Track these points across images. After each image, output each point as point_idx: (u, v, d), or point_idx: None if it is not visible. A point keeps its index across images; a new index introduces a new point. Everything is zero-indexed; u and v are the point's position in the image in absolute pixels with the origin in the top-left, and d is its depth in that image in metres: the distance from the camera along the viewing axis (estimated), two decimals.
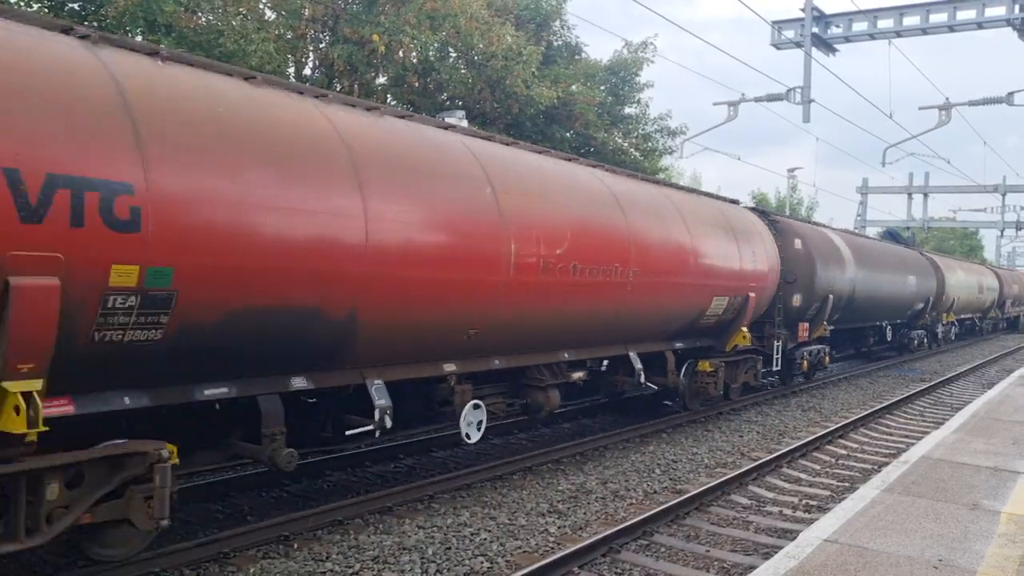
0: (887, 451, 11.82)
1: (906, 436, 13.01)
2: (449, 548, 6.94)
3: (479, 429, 8.37)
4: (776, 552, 6.01)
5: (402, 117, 7.91)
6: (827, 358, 18.30)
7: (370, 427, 7.06)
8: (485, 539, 7.23)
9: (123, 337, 5.10)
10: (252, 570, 6.24)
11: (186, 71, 5.90)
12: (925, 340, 27.32)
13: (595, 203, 9.54)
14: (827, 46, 22.42)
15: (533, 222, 8.33)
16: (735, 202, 14.98)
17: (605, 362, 11.19)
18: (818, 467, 10.78)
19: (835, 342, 19.20)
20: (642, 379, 11.06)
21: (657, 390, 11.94)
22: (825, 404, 16.13)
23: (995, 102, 25.28)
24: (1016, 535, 6.19)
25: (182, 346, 5.46)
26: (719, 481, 9.20)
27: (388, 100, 19.63)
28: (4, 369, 4.54)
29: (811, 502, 8.99)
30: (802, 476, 10.25)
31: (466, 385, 8.36)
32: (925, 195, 44.49)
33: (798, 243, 15.78)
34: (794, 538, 6.27)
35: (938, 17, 21.02)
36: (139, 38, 14.10)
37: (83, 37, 5.38)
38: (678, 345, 12.26)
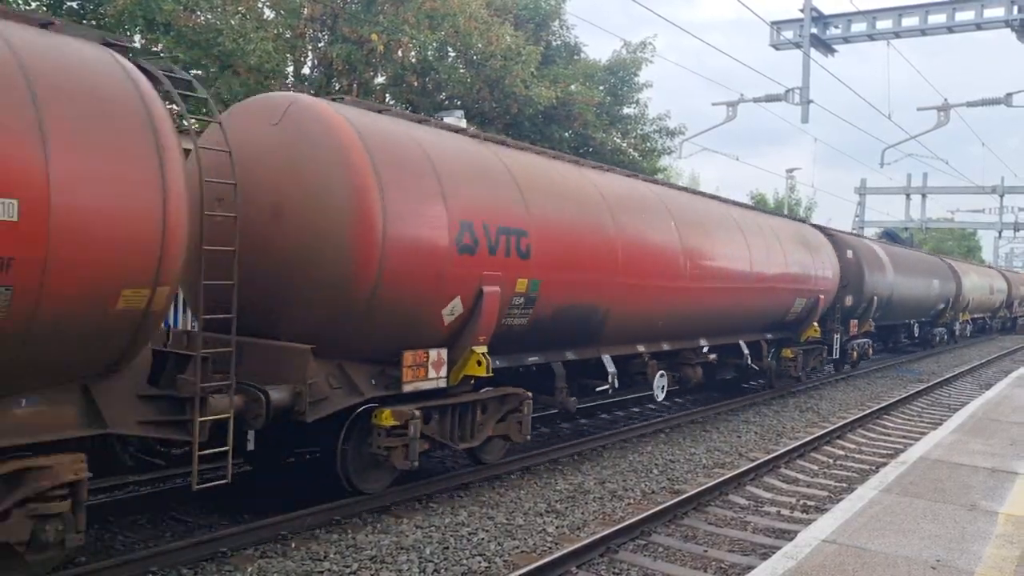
0: (885, 452, 11.83)
1: (904, 437, 13.01)
2: (447, 548, 6.93)
3: (663, 391, 11.81)
4: (774, 552, 6.01)
5: (625, 176, 11.96)
6: (871, 350, 21.39)
7: (605, 387, 10.60)
8: (483, 539, 7.22)
9: (512, 323, 8.61)
10: (250, 569, 6.23)
11: (546, 160, 10.10)
12: (945, 336, 30.50)
13: (729, 232, 13.35)
14: (826, 47, 22.42)
15: (697, 249, 12.01)
16: (804, 220, 19.48)
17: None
18: (816, 468, 10.79)
19: (872, 337, 21.67)
20: (749, 361, 14.53)
21: (749, 372, 15.38)
22: (823, 405, 16.13)
23: (993, 103, 25.32)
24: (1014, 536, 6.19)
25: (533, 330, 8.97)
26: (717, 481, 9.21)
27: (387, 99, 19.62)
28: (475, 340, 7.99)
29: (809, 503, 8.99)
30: (800, 476, 10.25)
31: (653, 361, 11.61)
32: (923, 196, 44.54)
33: (850, 253, 19.26)
34: (792, 538, 6.27)
35: (937, 18, 21.02)
36: (137, 37, 14.10)
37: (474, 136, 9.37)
38: (769, 336, 15.70)
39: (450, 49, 20.00)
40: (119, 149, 5.08)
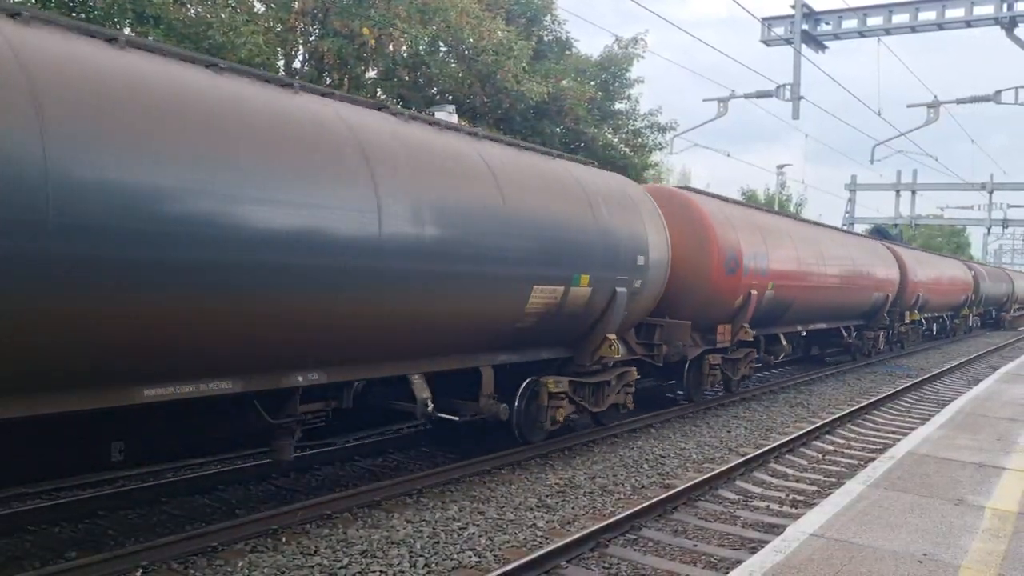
0: (873, 447, 11.90)
1: (892, 432, 13.09)
2: (438, 542, 6.95)
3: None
4: (763, 546, 6.05)
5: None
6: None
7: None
8: (473, 533, 7.24)
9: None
10: (240, 564, 6.23)
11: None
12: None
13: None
14: (817, 43, 22.47)
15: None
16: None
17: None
18: (805, 462, 10.85)
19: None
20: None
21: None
22: (812, 400, 16.21)
23: (983, 100, 25.43)
24: (1000, 530, 6.25)
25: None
26: (707, 476, 9.24)
27: (378, 94, 19.58)
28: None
29: (798, 497, 9.04)
30: (789, 471, 10.30)
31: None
32: (913, 192, 44.74)
33: (974, 268, 32.96)
34: (781, 533, 6.31)
35: (927, 15, 21.10)
36: (127, 30, 14.02)
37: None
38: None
39: (442, 44, 19.96)
40: None
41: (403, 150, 7.40)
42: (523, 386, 9.70)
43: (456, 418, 8.85)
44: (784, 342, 16.86)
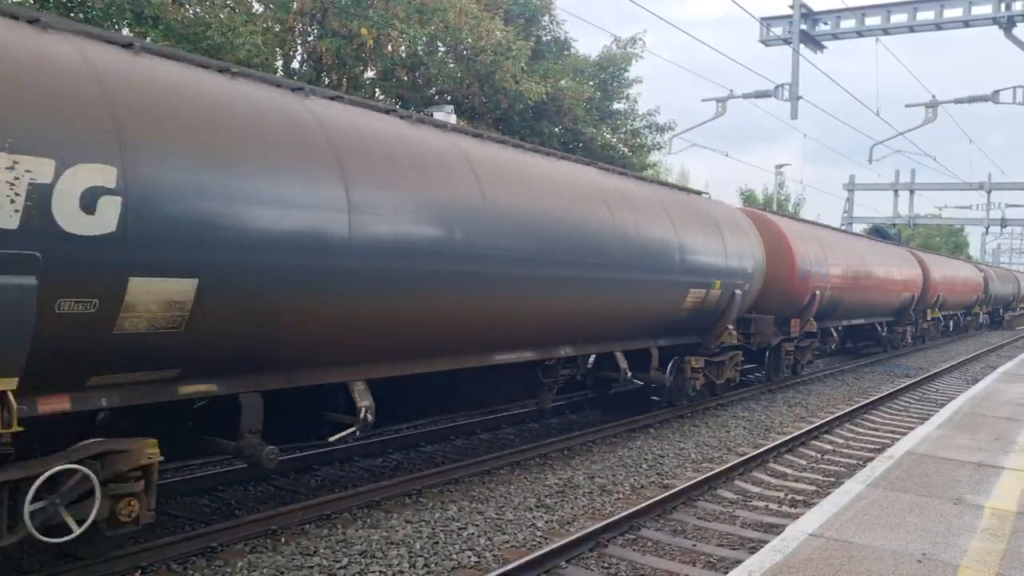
0: (872, 446, 11.91)
1: (891, 432, 13.10)
2: (437, 542, 6.95)
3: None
4: (762, 546, 6.05)
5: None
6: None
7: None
8: (473, 533, 7.24)
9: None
10: (240, 564, 6.23)
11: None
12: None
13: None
14: (815, 43, 22.49)
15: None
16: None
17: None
18: (804, 462, 10.85)
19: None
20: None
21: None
22: (811, 400, 16.23)
23: (981, 100, 25.47)
24: (999, 529, 6.26)
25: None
26: (706, 476, 9.25)
27: (376, 94, 19.58)
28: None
29: (797, 497, 9.05)
30: (788, 471, 10.31)
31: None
32: (911, 192, 44.76)
33: (984, 270, 38.16)
34: (780, 532, 6.32)
35: (925, 15, 21.11)
36: (126, 31, 14.01)
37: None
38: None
39: (440, 44, 19.95)
40: None
41: (624, 200, 10.69)
42: (672, 362, 13.03)
43: (640, 383, 12.76)
44: (835, 334, 20.53)
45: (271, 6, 17.90)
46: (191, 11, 15.56)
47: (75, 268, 4.83)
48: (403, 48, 18.86)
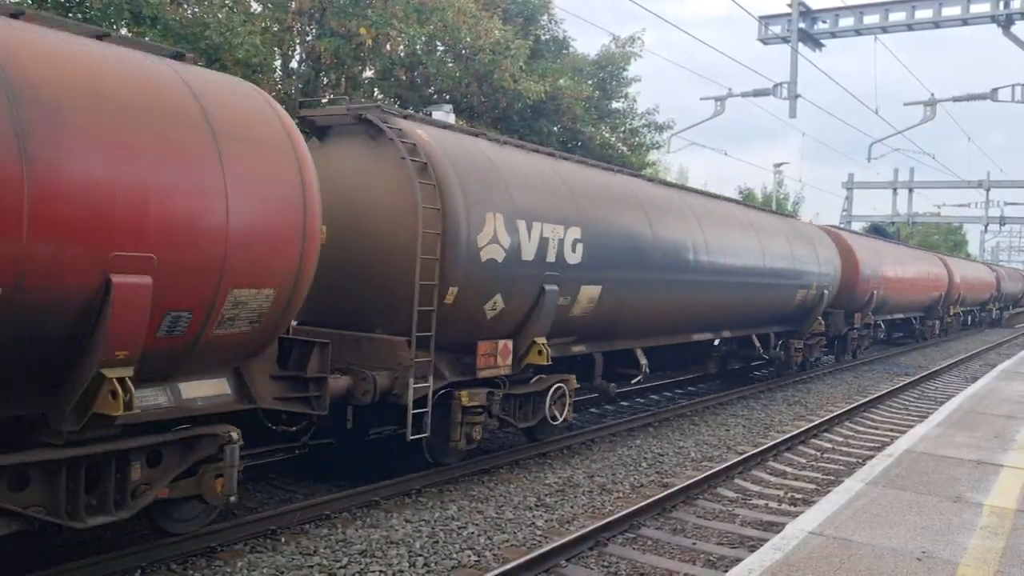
0: (872, 445, 11.91)
1: (891, 430, 13.11)
2: (437, 542, 6.95)
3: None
4: (762, 545, 6.05)
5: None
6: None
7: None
8: (472, 533, 7.24)
9: None
10: (239, 564, 6.23)
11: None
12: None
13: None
14: (814, 41, 22.49)
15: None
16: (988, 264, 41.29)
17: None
18: (803, 460, 10.85)
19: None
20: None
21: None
22: (810, 398, 16.23)
23: (979, 98, 25.46)
24: (998, 527, 6.26)
25: None
26: (705, 474, 9.25)
27: (375, 93, 19.56)
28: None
29: (796, 495, 9.05)
30: (788, 469, 10.31)
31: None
32: (910, 190, 44.76)
33: (996, 270, 42.45)
34: (780, 531, 6.31)
35: (923, 13, 21.12)
36: (124, 31, 14.00)
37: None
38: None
39: (439, 43, 19.94)
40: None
41: (759, 226, 15.43)
42: (778, 344, 17.34)
43: (767, 358, 17.01)
44: (882, 326, 25.01)
45: (269, 6, 17.88)
46: (190, 11, 15.53)
47: (565, 282, 9.41)
48: (402, 47, 18.85)
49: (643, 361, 11.49)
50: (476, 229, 8.18)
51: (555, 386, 9.76)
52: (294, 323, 7.42)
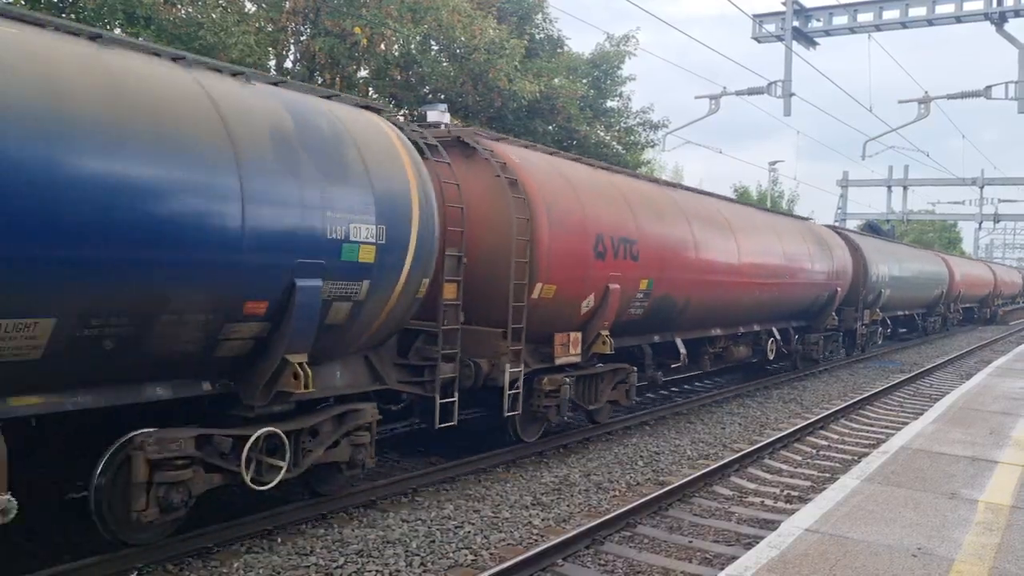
0: (867, 442, 11.94)
1: (886, 427, 13.14)
2: (433, 541, 6.95)
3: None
4: (758, 542, 6.06)
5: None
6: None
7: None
8: (469, 532, 7.24)
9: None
10: (236, 565, 6.22)
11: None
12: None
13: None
14: (808, 40, 22.54)
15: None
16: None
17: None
18: (799, 458, 10.87)
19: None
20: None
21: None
22: (806, 396, 16.26)
23: (973, 95, 25.49)
24: (993, 523, 6.28)
25: None
26: (701, 472, 9.27)
27: (370, 93, 19.54)
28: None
29: (793, 493, 9.07)
30: (784, 467, 10.33)
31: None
32: (905, 188, 44.84)
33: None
34: (776, 528, 6.32)
35: (917, 11, 21.19)
36: (117, 31, 13.97)
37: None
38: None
39: (433, 42, 19.92)
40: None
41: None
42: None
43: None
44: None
45: (263, 5, 17.85)
46: (183, 11, 15.50)
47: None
48: (396, 47, 18.82)
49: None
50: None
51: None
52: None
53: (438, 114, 10.05)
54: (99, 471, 5.89)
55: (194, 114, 5.70)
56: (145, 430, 5.95)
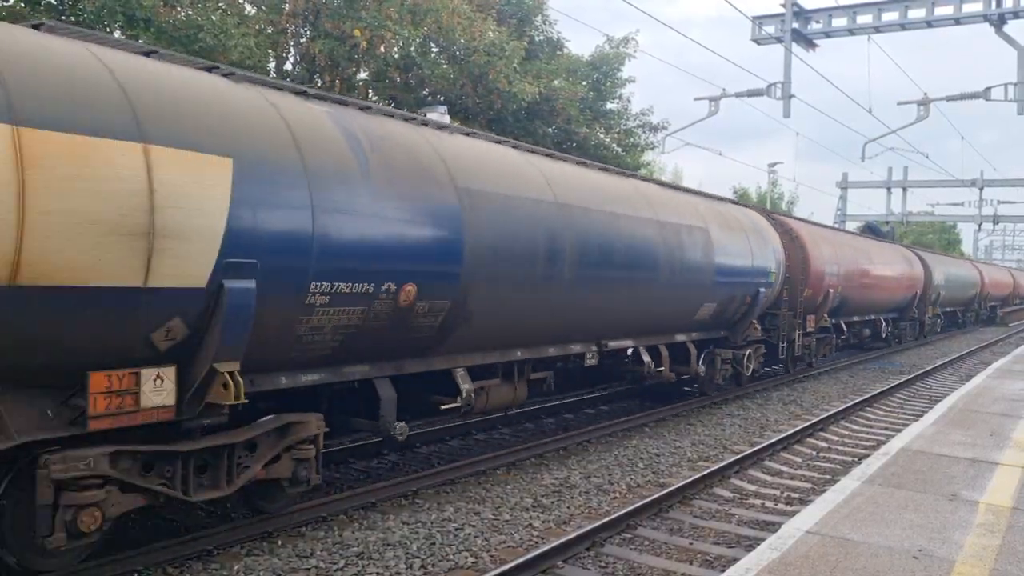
0: (867, 443, 11.93)
1: (886, 428, 13.13)
2: (433, 543, 6.94)
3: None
4: (759, 544, 6.06)
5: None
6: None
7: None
8: (469, 534, 7.23)
9: None
10: (236, 567, 6.21)
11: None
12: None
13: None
14: (807, 41, 22.56)
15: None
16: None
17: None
18: (800, 460, 10.87)
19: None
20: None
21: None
22: (806, 397, 16.25)
23: (972, 97, 25.52)
24: (994, 525, 6.27)
25: None
26: (702, 474, 9.25)
27: (370, 95, 19.55)
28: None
29: (793, 495, 9.06)
30: (784, 469, 10.32)
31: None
32: (904, 189, 44.87)
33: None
34: (776, 530, 6.32)
35: (916, 13, 21.21)
36: (117, 33, 13.97)
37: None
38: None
39: (433, 44, 19.94)
40: None
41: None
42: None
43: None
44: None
45: (263, 8, 17.86)
46: (183, 13, 15.51)
47: None
48: (396, 49, 18.85)
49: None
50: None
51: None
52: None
53: (438, 116, 10.06)
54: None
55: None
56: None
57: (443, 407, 8.44)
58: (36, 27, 5.59)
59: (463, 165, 8.20)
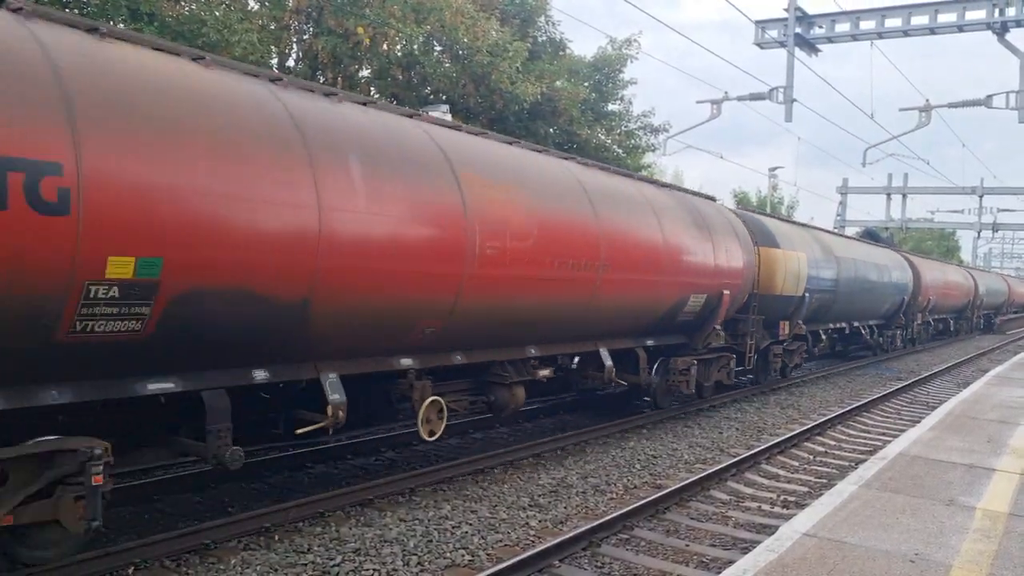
0: (865, 448, 11.94)
1: (883, 434, 13.14)
2: (431, 541, 6.95)
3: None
4: (755, 546, 6.06)
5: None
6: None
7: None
8: (466, 532, 7.24)
9: None
10: (233, 562, 6.22)
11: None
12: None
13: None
14: (810, 46, 22.58)
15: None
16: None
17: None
18: (797, 463, 10.87)
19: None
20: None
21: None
22: (803, 402, 16.26)
23: (974, 104, 25.53)
24: (990, 530, 6.28)
25: None
26: (699, 477, 9.26)
27: (372, 92, 19.56)
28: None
29: (790, 498, 9.07)
30: (781, 472, 10.33)
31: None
32: (904, 196, 44.88)
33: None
34: (773, 533, 6.33)
35: (920, 19, 21.23)
36: (121, 26, 13.97)
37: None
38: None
39: (436, 43, 19.95)
40: None
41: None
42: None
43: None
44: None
45: (267, 3, 17.87)
46: (187, 8, 15.51)
47: None
48: (399, 47, 18.86)
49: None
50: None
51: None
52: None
53: (439, 115, 10.05)
54: None
55: None
56: None
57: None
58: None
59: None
